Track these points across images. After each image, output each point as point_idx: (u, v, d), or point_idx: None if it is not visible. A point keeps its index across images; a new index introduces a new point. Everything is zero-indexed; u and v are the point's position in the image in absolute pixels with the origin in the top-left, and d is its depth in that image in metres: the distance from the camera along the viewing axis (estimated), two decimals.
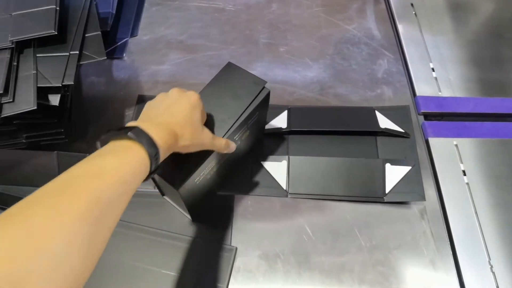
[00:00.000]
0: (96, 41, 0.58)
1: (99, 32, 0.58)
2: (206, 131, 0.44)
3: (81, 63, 0.56)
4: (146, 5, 0.82)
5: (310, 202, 0.60)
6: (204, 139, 0.43)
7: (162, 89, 0.70)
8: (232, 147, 0.48)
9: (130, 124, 0.36)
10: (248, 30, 0.79)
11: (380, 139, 0.66)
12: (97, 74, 0.72)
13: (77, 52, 0.55)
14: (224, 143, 0.46)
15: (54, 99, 0.54)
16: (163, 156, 0.36)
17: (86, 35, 0.58)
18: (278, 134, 0.66)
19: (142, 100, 0.69)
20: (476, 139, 0.68)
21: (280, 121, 0.67)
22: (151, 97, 0.67)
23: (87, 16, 0.60)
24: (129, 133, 0.33)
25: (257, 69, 0.74)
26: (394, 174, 0.62)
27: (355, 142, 0.66)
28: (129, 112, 0.68)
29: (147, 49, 0.76)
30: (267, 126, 0.66)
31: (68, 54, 0.55)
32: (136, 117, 0.66)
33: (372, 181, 0.62)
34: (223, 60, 0.74)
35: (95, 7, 0.61)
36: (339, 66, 0.75)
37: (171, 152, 0.39)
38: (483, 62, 0.79)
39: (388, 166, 0.63)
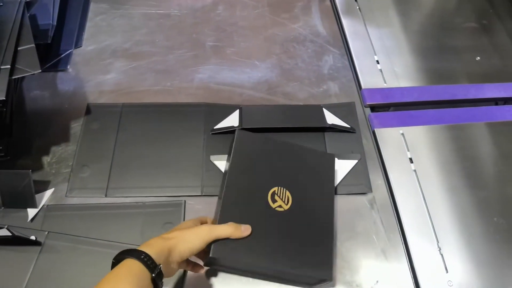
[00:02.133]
0: (29, 54, 0.56)
1: (33, 45, 0.57)
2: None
3: (13, 77, 0.54)
4: (90, 14, 0.81)
5: None
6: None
7: (108, 99, 0.69)
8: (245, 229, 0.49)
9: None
10: (194, 34, 0.79)
11: (327, 134, 0.67)
12: (41, 88, 0.70)
13: (9, 66, 0.54)
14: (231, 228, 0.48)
15: None
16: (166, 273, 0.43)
17: (19, 48, 0.56)
18: (230, 132, 0.66)
19: (90, 111, 0.68)
20: (421, 126, 0.70)
21: (232, 120, 0.67)
22: (100, 106, 0.67)
23: (19, 28, 0.58)
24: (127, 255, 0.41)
25: (205, 72, 0.74)
26: (342, 167, 0.63)
27: (305, 138, 0.67)
28: (75, 125, 0.66)
29: (92, 60, 0.74)
30: (218, 125, 0.66)
31: None
32: (84, 129, 0.65)
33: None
34: (169, 66, 0.74)
35: (28, 19, 0.60)
36: (285, 65, 0.76)
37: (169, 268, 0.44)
38: (426, 52, 0.81)
39: (336, 160, 0.64)
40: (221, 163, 0.63)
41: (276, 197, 0.53)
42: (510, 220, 0.61)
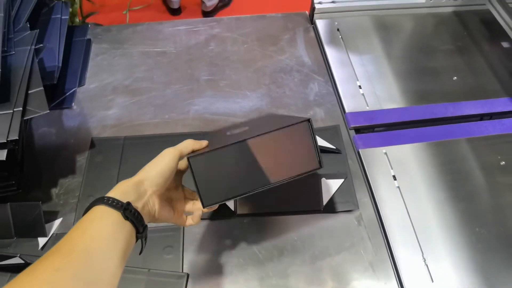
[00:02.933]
0: (38, 96, 0.62)
1: (42, 88, 0.63)
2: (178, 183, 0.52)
3: (25, 118, 0.60)
4: (91, 55, 0.88)
5: (256, 222, 0.65)
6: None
7: (111, 133, 0.75)
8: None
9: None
10: (189, 69, 0.86)
11: None
12: (48, 125, 0.76)
13: (21, 108, 0.60)
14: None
15: (1, 154, 0.57)
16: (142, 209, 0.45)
17: (29, 91, 0.62)
18: None
19: (94, 144, 0.73)
20: (403, 145, 0.75)
21: None
22: (103, 140, 0.72)
23: (29, 73, 0.64)
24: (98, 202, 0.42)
25: (200, 104, 0.79)
26: (329, 187, 0.68)
27: None
28: (80, 158, 0.72)
29: (95, 96, 0.81)
30: None
31: (12, 111, 0.59)
32: (89, 162, 0.70)
33: (311, 195, 0.67)
34: (167, 99, 0.80)
35: (37, 64, 0.66)
36: (274, 93, 0.82)
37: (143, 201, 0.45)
38: (406, 75, 0.87)
39: (323, 180, 0.68)
40: None
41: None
42: (491, 230, 0.65)
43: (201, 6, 2.16)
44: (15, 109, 0.59)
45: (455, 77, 0.87)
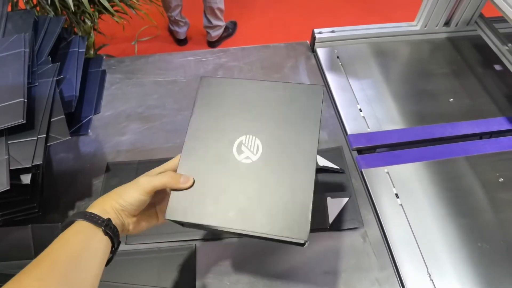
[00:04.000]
0: (60, 124, 0.67)
1: (63, 116, 0.67)
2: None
3: (48, 144, 0.64)
4: (106, 84, 0.93)
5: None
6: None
7: (125, 157, 0.79)
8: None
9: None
10: None
11: (320, 176, 0.75)
12: (66, 151, 0.80)
13: (44, 135, 0.64)
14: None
15: (26, 178, 0.61)
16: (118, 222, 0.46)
17: (52, 119, 0.67)
18: None
19: (109, 169, 0.77)
20: (404, 164, 0.78)
21: None
22: (118, 164, 0.76)
23: (52, 103, 0.69)
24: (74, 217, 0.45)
25: None
26: (335, 205, 0.71)
27: None
28: (96, 181, 0.75)
29: (110, 123, 0.85)
30: None
31: (36, 138, 0.64)
32: (105, 185, 0.74)
33: (317, 213, 0.70)
34: (178, 125, 0.85)
35: (58, 94, 0.71)
36: None
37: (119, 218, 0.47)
38: (404, 97, 0.91)
39: (329, 199, 0.71)
40: None
41: (243, 148, 0.48)
42: (492, 245, 0.67)
43: (207, 36, 2.26)
44: (39, 136, 0.64)
45: (452, 99, 0.91)
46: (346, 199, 0.72)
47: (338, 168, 0.76)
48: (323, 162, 0.76)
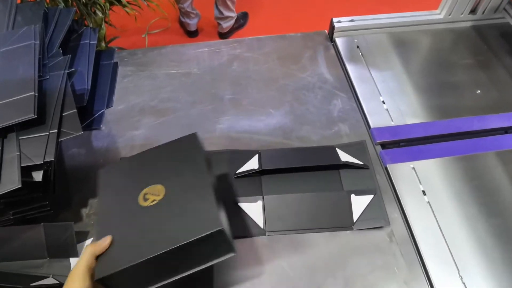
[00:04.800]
0: (72, 118, 0.64)
1: (75, 110, 0.65)
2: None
3: (60, 140, 0.61)
4: (118, 77, 0.90)
5: (286, 240, 0.64)
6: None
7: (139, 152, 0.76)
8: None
9: None
10: (213, 89, 0.87)
11: (342, 172, 0.72)
12: (78, 146, 0.78)
13: (56, 130, 0.61)
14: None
15: (37, 175, 0.59)
16: None
17: (63, 114, 0.64)
18: (251, 175, 0.71)
19: None
20: (430, 160, 0.74)
21: (252, 164, 0.72)
22: (132, 158, 0.74)
23: (63, 96, 0.66)
24: None
25: (224, 123, 0.81)
26: (359, 203, 0.67)
27: (321, 176, 0.71)
28: None
29: (123, 117, 0.82)
30: (240, 169, 0.72)
31: (48, 133, 0.61)
32: None
33: (341, 212, 0.67)
34: (193, 119, 0.82)
35: (70, 88, 0.68)
36: (298, 111, 0.82)
37: None
38: (428, 89, 0.87)
39: (353, 196, 0.68)
40: (245, 205, 0.68)
41: (148, 196, 0.54)
42: None
43: (218, 28, 2.22)
44: (50, 131, 0.61)
45: (479, 91, 0.86)
46: (371, 197, 0.68)
47: (362, 163, 0.72)
48: (345, 157, 0.72)
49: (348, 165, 0.71)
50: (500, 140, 0.78)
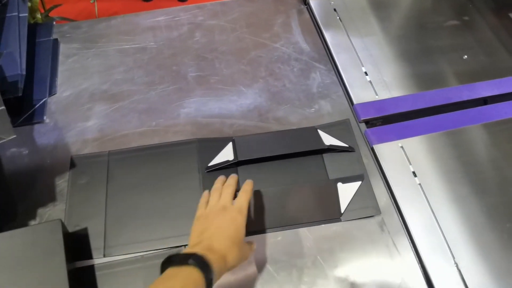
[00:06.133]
0: (0, 118, 0.52)
1: (3, 107, 0.53)
2: (246, 246, 0.50)
3: None
4: (61, 57, 0.77)
5: (269, 237, 0.58)
6: (246, 255, 0.49)
7: (93, 148, 0.65)
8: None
9: (188, 250, 0.44)
10: (174, 66, 0.76)
11: (326, 157, 0.65)
12: (18, 145, 0.66)
13: None
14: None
15: None
16: (215, 280, 0.43)
17: None
18: (226, 167, 0.63)
19: (74, 164, 0.63)
20: (420, 136, 0.68)
21: (226, 155, 0.64)
22: (85, 157, 0.63)
23: None
24: (191, 261, 0.41)
25: (190, 106, 0.70)
26: (346, 192, 0.61)
27: (303, 163, 0.64)
28: (60, 181, 0.62)
29: (70, 106, 0.70)
30: (212, 162, 0.63)
31: None
32: (71, 185, 0.61)
33: (327, 202, 0.60)
34: (152, 103, 0.71)
35: None
36: (273, 88, 0.73)
37: (221, 275, 0.44)
38: (412, 56, 0.80)
39: (340, 185, 0.61)
40: None
41: None
42: None
43: None
44: None
45: (465, 56, 0.80)
46: (359, 183, 0.62)
47: (347, 146, 0.65)
48: (329, 140, 0.65)
49: (332, 149, 0.64)
50: (487, 110, 0.73)
